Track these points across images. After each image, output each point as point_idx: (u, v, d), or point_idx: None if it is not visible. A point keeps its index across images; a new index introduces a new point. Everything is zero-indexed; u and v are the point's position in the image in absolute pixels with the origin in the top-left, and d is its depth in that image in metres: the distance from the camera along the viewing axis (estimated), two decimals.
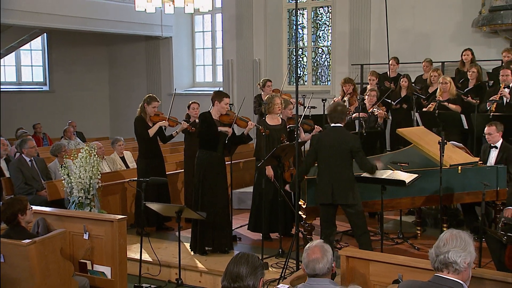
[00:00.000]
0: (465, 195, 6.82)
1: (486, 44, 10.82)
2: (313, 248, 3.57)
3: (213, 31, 15.19)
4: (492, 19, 10.17)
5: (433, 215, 7.89)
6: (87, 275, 5.37)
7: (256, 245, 7.06)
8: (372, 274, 4.11)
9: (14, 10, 11.46)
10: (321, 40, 13.61)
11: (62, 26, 12.82)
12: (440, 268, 3.10)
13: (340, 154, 5.76)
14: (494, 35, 10.74)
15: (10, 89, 15.87)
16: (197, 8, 10.45)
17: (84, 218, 5.50)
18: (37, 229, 5.45)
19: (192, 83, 15.57)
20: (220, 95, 6.82)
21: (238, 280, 2.98)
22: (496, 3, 10.10)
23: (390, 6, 9.99)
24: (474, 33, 10.92)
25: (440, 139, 6.13)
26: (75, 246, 5.50)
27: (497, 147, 7.06)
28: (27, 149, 8.39)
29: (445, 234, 3.15)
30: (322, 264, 3.50)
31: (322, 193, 5.87)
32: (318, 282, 3.51)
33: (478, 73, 9.02)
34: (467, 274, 3.09)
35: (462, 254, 3.04)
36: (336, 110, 5.90)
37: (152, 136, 7.72)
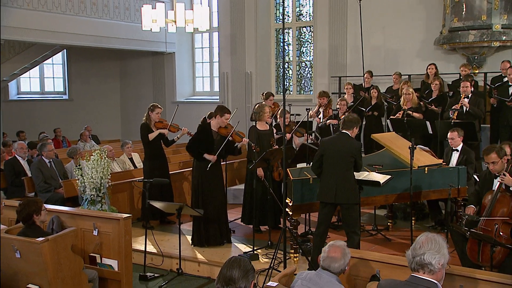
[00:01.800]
0: (431, 192, 6.68)
1: (446, 60, 10.75)
2: (336, 247, 3.37)
3: (210, 47, 15.03)
4: (451, 38, 10.16)
5: (402, 209, 7.75)
6: (96, 267, 5.13)
7: (248, 237, 6.84)
8: (352, 270, 3.88)
9: (37, 30, 11.41)
10: (304, 55, 13.51)
11: (80, 43, 12.71)
12: (417, 269, 2.92)
13: (345, 158, 5.49)
14: (453, 52, 10.68)
15: (35, 97, 15.86)
16: (196, 27, 10.34)
17: (93, 216, 5.26)
18: (52, 226, 5.27)
19: (192, 93, 15.41)
20: (223, 111, 6.57)
21: (231, 283, 2.74)
22: (454, 25, 10.07)
23: (364, 26, 10.18)
24: (436, 50, 10.87)
25: (410, 144, 6.02)
26: (86, 241, 5.25)
27: (458, 150, 6.97)
28: (46, 152, 8.23)
29: (421, 237, 2.96)
30: (338, 264, 3.32)
31: (325, 193, 5.56)
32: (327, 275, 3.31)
33: (440, 85, 8.98)
34: (441, 274, 2.92)
35: (436, 256, 2.87)
36: (349, 119, 5.65)
37: (151, 140, 7.51)
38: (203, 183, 6.53)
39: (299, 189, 6.04)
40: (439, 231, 7.10)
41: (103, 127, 14.98)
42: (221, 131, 6.56)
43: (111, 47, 13.43)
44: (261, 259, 6.04)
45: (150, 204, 6.14)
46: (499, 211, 5.15)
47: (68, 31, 11.96)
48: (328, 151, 5.59)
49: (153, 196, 6.84)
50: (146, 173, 7.53)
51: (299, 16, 13.31)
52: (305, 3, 13.19)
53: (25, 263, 4.54)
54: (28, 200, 4.83)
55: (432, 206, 7.35)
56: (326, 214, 5.64)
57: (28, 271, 4.55)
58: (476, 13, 9.82)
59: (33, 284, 4.54)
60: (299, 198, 6.05)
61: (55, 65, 16.21)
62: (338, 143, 5.56)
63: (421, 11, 11.06)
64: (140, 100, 15.11)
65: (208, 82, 15.24)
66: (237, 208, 8.18)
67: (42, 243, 4.39)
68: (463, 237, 5.26)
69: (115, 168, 8.68)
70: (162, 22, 10.12)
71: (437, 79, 9.05)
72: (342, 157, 5.48)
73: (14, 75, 14.17)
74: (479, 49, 10.11)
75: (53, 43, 12.57)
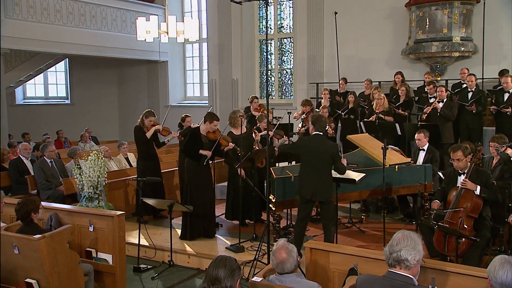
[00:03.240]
0: (401, 188, 6.56)
1: (411, 68, 10.68)
2: (279, 250, 3.13)
3: (200, 56, 14.84)
4: (416, 49, 10.13)
5: (374, 203, 7.65)
6: (92, 261, 4.88)
7: (234, 231, 6.62)
8: (332, 263, 3.71)
9: (42, 40, 11.19)
10: (285, 63, 13.34)
11: (80, 53, 12.46)
12: (393, 265, 2.75)
13: (322, 158, 5.26)
14: (418, 61, 10.63)
15: (39, 102, 15.51)
16: (187, 38, 10.19)
17: (89, 214, 5.00)
18: (50, 223, 5.00)
19: (184, 97, 15.19)
20: (212, 117, 6.32)
21: (217, 282, 2.51)
22: (419, 37, 10.06)
23: (339, 37, 10.28)
24: (402, 59, 10.79)
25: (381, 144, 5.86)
26: (82, 237, 4.99)
27: (424, 150, 6.88)
28: (48, 152, 8.05)
29: (398, 235, 2.79)
30: (289, 263, 3.09)
31: (304, 189, 5.35)
32: (286, 277, 3.07)
33: (407, 91, 8.88)
34: (416, 269, 2.75)
35: (412, 253, 2.70)
36: (316, 120, 5.43)
37: (149, 138, 7.27)
38: (193, 182, 6.31)
39: (281, 187, 5.90)
40: (408, 223, 7.01)
41: (102, 129, 14.67)
42: (210, 136, 6.36)
43: (109, 56, 13.20)
44: (246, 251, 5.84)
45: (143, 200, 5.94)
46: (463, 205, 5.08)
47: (70, 41, 11.74)
48: (303, 150, 5.41)
49: (146, 193, 6.67)
50: (140, 172, 7.29)
51: (280, 28, 13.18)
52: (286, 16, 13.08)
53: (23, 258, 4.28)
54: (27, 199, 4.56)
55: (401, 200, 7.26)
56: (306, 208, 5.45)
57: (26, 266, 4.29)
58: (438, 26, 9.84)
59: (31, 278, 4.28)
60: (281, 195, 5.90)
61: (58, 72, 15.87)
62: (314, 144, 5.35)
63: (390, 24, 11.00)
64: (136, 104, 14.87)
65: (198, 88, 15.06)
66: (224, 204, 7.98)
67: (39, 240, 4.14)
68: (431, 229, 5.22)
69: (112, 167, 8.45)
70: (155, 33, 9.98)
71: (404, 85, 8.96)
72: (319, 157, 5.28)
73: (20, 82, 13.95)
74: (441, 58, 10.10)
75: (56, 52, 12.37)
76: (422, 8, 9.94)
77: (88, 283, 4.63)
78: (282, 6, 13.08)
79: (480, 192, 5.00)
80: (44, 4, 11.22)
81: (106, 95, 15.77)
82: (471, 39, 9.90)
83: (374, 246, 5.98)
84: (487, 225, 5.10)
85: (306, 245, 3.81)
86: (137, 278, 5.62)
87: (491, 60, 9.59)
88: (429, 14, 9.86)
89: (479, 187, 5.00)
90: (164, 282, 5.48)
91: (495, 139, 6.08)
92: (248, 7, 13.00)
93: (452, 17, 9.72)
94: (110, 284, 4.87)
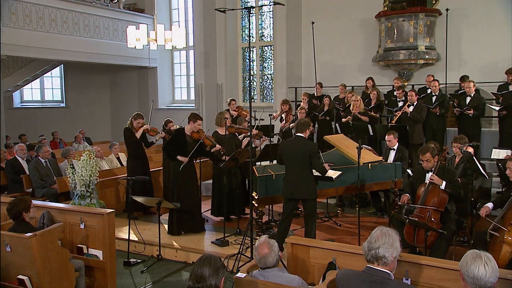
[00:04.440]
0: (374, 185, 6.49)
1: (381, 74, 10.64)
2: (262, 245, 2.96)
3: (187, 62, 14.57)
4: (386, 56, 10.10)
5: (349, 198, 7.56)
6: (83, 257, 4.66)
7: (219, 226, 6.46)
8: (312, 257, 3.58)
9: (38, 47, 10.80)
10: (266, 69, 13.17)
11: (75, 59, 12.07)
12: (372, 261, 2.62)
13: (301, 158, 5.10)
14: (387, 68, 10.58)
15: (36, 105, 15.00)
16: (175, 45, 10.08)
17: (80, 212, 4.77)
18: (43, 220, 4.78)
19: (172, 101, 14.90)
20: (195, 117, 6.15)
21: (202, 280, 2.35)
22: (388, 46, 10.03)
23: (315, 45, 10.23)
24: (373, 66, 10.75)
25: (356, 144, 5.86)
26: (74, 234, 4.76)
27: (394, 149, 6.86)
28: (42, 153, 7.77)
29: (376, 232, 2.65)
30: (271, 258, 2.93)
31: (286, 189, 5.21)
32: (269, 272, 2.92)
33: (378, 95, 8.86)
34: (394, 265, 2.63)
35: (390, 250, 2.58)
36: (301, 122, 5.29)
37: (138, 138, 7.04)
38: (178, 180, 6.11)
39: (264, 184, 5.75)
40: (380, 216, 6.95)
41: (95, 131, 14.28)
42: (194, 135, 6.17)
43: (102, 62, 12.84)
44: (231, 245, 5.68)
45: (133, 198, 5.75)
46: (430, 200, 5.05)
47: (65, 48, 11.38)
48: (286, 152, 5.25)
49: (136, 191, 6.46)
50: (130, 171, 7.06)
51: (262, 37, 13.02)
52: (266, 26, 12.92)
53: (15, 256, 4.05)
54: (18, 199, 4.32)
55: (374, 195, 7.22)
56: (289, 207, 5.30)
57: (18, 263, 4.06)
58: (405, 36, 9.83)
59: (22, 275, 4.06)
60: (264, 192, 5.76)
61: (53, 77, 15.38)
62: (294, 145, 5.20)
63: (361, 34, 10.95)
64: (128, 107, 14.51)
65: (185, 92, 14.79)
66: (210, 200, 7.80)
67: (30, 238, 3.92)
68: (401, 223, 5.15)
69: (104, 166, 8.18)
70: (145, 40, 9.84)
71: (375, 90, 8.94)
72: (299, 158, 5.12)
73: (18, 86, 13.49)
74: (407, 65, 10.09)
75: (51, 58, 11.98)
76: (391, 20, 9.92)
77: (79, 279, 4.42)
78: (263, 16, 12.94)
79: (445, 187, 4.97)
80: (40, 13, 10.86)
81: (99, 98, 15.38)
82: (434, 48, 9.93)
83: (350, 238, 5.89)
84: (452, 218, 5.07)
85: (287, 240, 3.67)
86: (127, 271, 5.42)
87: (452, 67, 9.61)
88: (397, 25, 9.86)
89: (444, 182, 4.99)
90: (153, 275, 5.29)
91: (457, 140, 6.07)
92: (231, 17, 12.90)
93: (417, 27, 9.74)
94: (101, 279, 4.65)
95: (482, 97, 8.23)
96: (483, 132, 8.35)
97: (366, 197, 7.55)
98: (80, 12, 11.77)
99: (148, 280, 5.14)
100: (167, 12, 14.41)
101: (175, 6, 14.46)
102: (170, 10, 14.46)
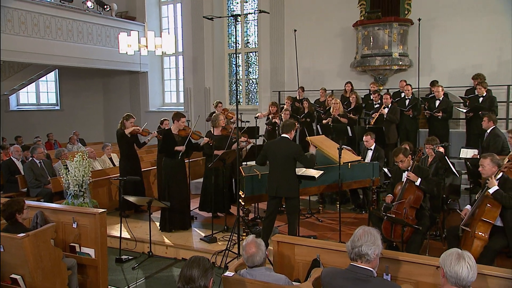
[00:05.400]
0: (353, 183, 6.42)
1: (358, 79, 10.58)
2: (249, 244, 2.85)
3: (176, 67, 14.34)
4: (363, 62, 10.08)
5: (329, 196, 7.48)
6: (75, 255, 4.47)
7: (207, 223, 6.31)
8: (297, 255, 3.48)
9: (33, 53, 10.48)
10: (251, 74, 13.03)
11: (69, 64, 11.73)
12: (355, 259, 2.54)
13: (285, 159, 4.99)
14: (364, 73, 10.55)
15: (32, 108, 14.55)
16: (164, 51, 9.88)
17: (73, 212, 4.58)
18: (36, 220, 4.56)
19: (162, 104, 14.65)
20: (178, 116, 6.02)
21: (191, 282, 2.22)
22: (365, 52, 10.01)
23: (298, 52, 10.00)
24: (351, 71, 10.71)
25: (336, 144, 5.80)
26: (66, 233, 4.57)
27: (371, 149, 6.80)
28: (37, 154, 7.54)
29: (359, 231, 2.57)
30: (259, 256, 2.81)
31: (270, 187, 5.10)
32: (256, 271, 2.81)
33: (356, 98, 8.78)
34: (376, 262, 2.55)
35: (372, 248, 2.50)
36: (285, 124, 5.18)
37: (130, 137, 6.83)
38: (169, 178, 5.96)
39: (250, 184, 5.63)
40: (358, 212, 6.90)
41: (88, 132, 13.93)
42: (181, 133, 6.02)
43: (95, 67, 12.49)
44: (219, 242, 5.55)
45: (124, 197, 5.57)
46: (407, 197, 4.99)
47: (59, 54, 11.07)
48: (270, 152, 5.13)
49: (128, 190, 6.30)
50: (122, 171, 6.86)
51: (247, 44, 12.89)
52: (251, 33, 12.80)
53: (8, 256, 3.85)
54: (12, 200, 4.12)
55: (353, 192, 7.14)
56: (273, 204, 5.19)
57: (11, 263, 3.86)
58: (380, 44, 9.84)
59: (15, 274, 3.87)
60: (250, 191, 5.63)
61: (48, 81, 14.95)
62: (279, 146, 5.09)
63: (340, 41, 10.92)
64: (120, 110, 14.07)
65: (175, 95, 14.55)
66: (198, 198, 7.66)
67: (23, 238, 3.73)
68: (379, 219, 5.12)
69: (96, 166, 7.95)
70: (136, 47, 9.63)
71: (353, 93, 8.87)
72: (283, 158, 5.02)
73: (14, 90, 13.06)
74: (383, 71, 10.09)
75: (46, 64, 11.62)
76: (367, 28, 9.92)
77: (72, 277, 4.24)
78: (248, 24, 12.81)
79: (420, 183, 4.94)
80: (35, 20, 10.55)
81: (92, 102, 15.02)
82: (407, 54, 9.96)
83: (331, 233, 5.82)
84: (426, 215, 5.05)
85: (273, 238, 3.56)
86: (119, 268, 5.24)
87: (423, 72, 9.65)
88: (373, 33, 9.86)
89: (420, 179, 4.97)
90: (144, 271, 5.13)
91: (429, 141, 6.07)
92: (218, 25, 12.76)
93: (391, 36, 9.75)
94: (93, 276, 4.47)
95: (450, 101, 8.30)
96: (451, 132, 8.39)
97: (345, 194, 7.48)
98: (74, 19, 11.48)
99: (140, 276, 4.98)
100: (157, 20, 14.18)
101: (165, 14, 14.25)
102: (160, 18, 14.24)
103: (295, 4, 11.37)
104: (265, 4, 11.67)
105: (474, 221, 4.23)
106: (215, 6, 12.63)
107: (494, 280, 2.79)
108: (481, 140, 7.02)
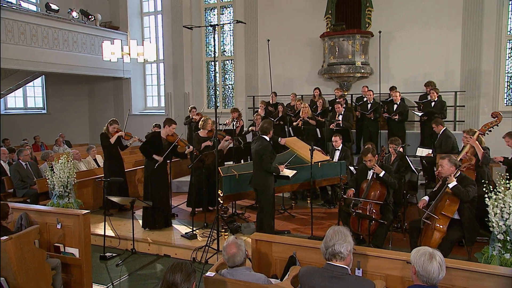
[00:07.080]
0: (323, 181, 6.34)
1: (326, 85, 10.58)
2: (230, 245, 2.68)
3: (158, 73, 13.93)
4: (329, 70, 10.06)
5: (301, 192, 7.35)
6: (60, 255, 4.17)
7: (188, 220, 6.10)
8: (274, 252, 3.33)
9: (20, 60, 9.94)
10: (227, 80, 12.79)
11: (55, 71, 11.16)
12: (330, 258, 2.41)
13: (257, 156, 4.99)
14: (330, 80, 10.55)
15: (19, 112, 13.80)
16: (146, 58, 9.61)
17: (57, 213, 4.27)
18: (20, 222, 4.24)
19: (144, 107, 14.19)
20: (170, 122, 5.77)
21: (174, 287, 2.03)
22: (331, 61, 10.00)
23: (270, 60, 10.01)
24: (319, 78, 10.69)
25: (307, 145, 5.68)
26: (51, 233, 4.26)
27: (339, 149, 6.76)
28: (23, 156, 7.13)
29: (330, 231, 2.44)
30: (239, 257, 2.64)
31: (250, 180, 5.21)
32: (237, 271, 2.64)
33: (323, 102, 8.76)
34: (350, 258, 2.43)
35: (344, 245, 2.38)
36: (264, 126, 5.08)
37: (113, 142, 6.53)
38: (152, 178, 5.70)
39: (228, 183, 5.45)
40: (327, 207, 6.83)
41: (74, 135, 13.35)
42: (169, 138, 5.79)
43: (80, 73, 11.96)
44: (199, 238, 5.34)
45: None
46: (371, 194, 4.94)
47: (46, 60, 10.54)
48: (251, 150, 5.15)
49: (112, 190, 6.03)
50: (106, 172, 6.54)
51: (223, 52, 12.65)
52: (227, 42, 12.57)
53: None
54: None
55: (322, 189, 7.09)
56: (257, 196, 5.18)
57: None
58: (345, 53, 9.85)
59: None
60: (228, 190, 5.45)
61: (35, 87, 14.21)
62: (255, 145, 5.08)
63: (309, 51, 10.87)
64: (105, 113, 13.72)
65: (156, 100, 14.13)
66: (178, 197, 7.44)
67: (6, 241, 3.41)
68: (348, 214, 5.05)
69: (82, 168, 7.56)
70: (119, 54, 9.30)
71: (321, 98, 8.85)
72: (254, 154, 5.05)
73: (2, 95, 12.32)
74: (347, 78, 10.10)
75: (33, 70, 11.03)
76: (333, 39, 9.91)
77: (56, 276, 3.93)
78: (224, 34, 12.58)
79: (383, 175, 4.90)
80: (21, 29, 9.97)
81: (78, 106, 14.39)
82: (368, 63, 10.01)
83: (303, 227, 5.71)
84: (390, 209, 5.01)
85: (251, 237, 3.40)
86: (103, 265, 4.95)
87: (383, 79, 9.75)
88: (338, 44, 9.86)
89: (383, 171, 4.96)
90: (128, 268, 4.86)
91: (393, 141, 6.07)
92: (197, 34, 12.50)
93: (354, 46, 9.78)
94: (77, 275, 4.17)
95: (406, 105, 8.41)
96: (408, 133, 8.48)
97: (315, 191, 7.41)
98: (60, 28, 10.96)
99: (123, 273, 4.70)
100: (140, 29, 13.74)
101: (147, 24, 13.83)
102: (142, 28, 13.80)
103: (268, 16, 11.26)
104: (240, 16, 11.51)
105: (434, 214, 4.21)
106: (194, 16, 12.37)
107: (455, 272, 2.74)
108: (434, 140, 7.11)
